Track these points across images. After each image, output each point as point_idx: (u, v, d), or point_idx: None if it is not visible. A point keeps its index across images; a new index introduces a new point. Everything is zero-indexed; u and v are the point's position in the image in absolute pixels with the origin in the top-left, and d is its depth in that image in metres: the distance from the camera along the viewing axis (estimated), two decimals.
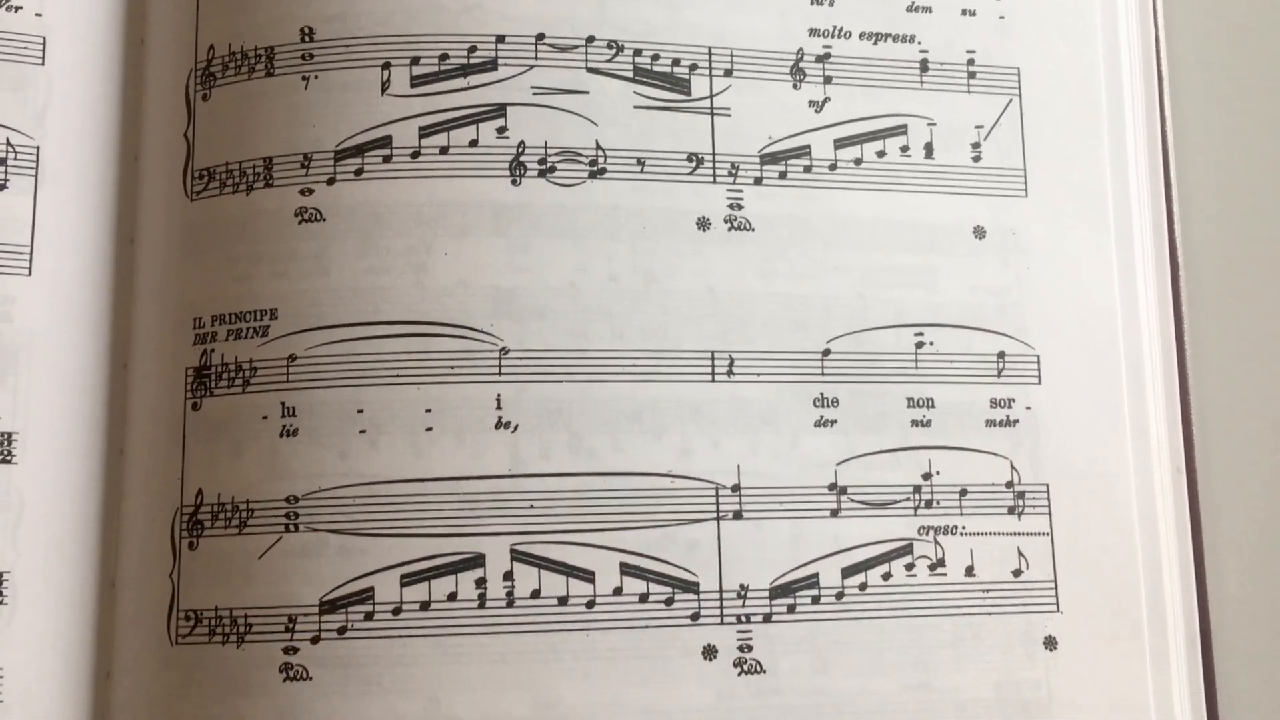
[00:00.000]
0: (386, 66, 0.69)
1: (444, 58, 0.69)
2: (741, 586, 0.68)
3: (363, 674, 0.64)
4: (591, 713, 0.65)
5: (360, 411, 0.66)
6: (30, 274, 0.69)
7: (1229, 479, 0.78)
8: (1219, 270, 0.80)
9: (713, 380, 0.69)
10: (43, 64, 0.71)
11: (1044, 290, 0.75)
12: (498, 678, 0.65)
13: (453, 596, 0.65)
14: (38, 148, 0.70)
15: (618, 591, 0.67)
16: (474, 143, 0.69)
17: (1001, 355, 0.74)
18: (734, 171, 0.72)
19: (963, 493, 0.72)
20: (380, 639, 0.65)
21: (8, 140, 0.70)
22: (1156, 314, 0.76)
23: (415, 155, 0.69)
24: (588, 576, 0.66)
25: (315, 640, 0.64)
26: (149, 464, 0.68)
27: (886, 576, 0.70)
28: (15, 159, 0.70)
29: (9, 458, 0.68)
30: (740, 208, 0.71)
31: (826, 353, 0.71)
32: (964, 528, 0.71)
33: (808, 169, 0.73)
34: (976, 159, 0.75)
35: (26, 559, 0.67)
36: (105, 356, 0.70)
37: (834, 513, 0.70)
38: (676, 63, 0.72)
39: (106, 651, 0.68)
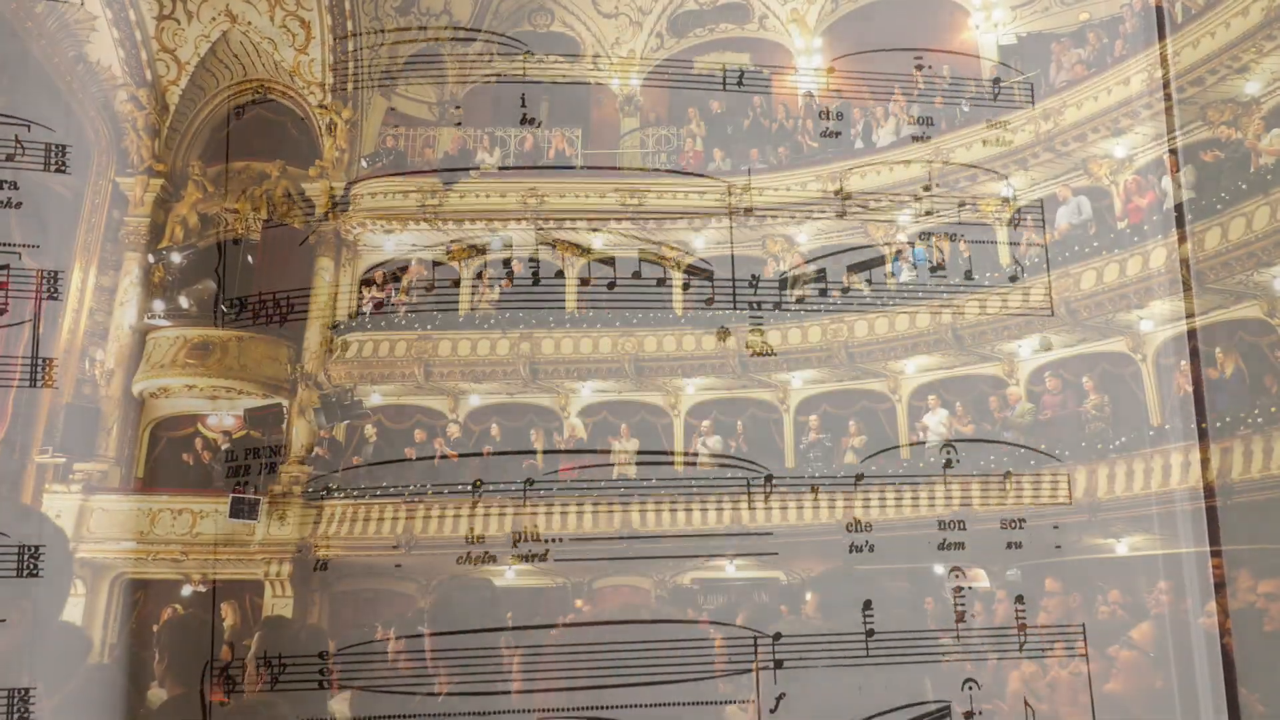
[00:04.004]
0: None
1: None
2: (753, 277, 0.72)
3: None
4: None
5: None
6: None
7: None
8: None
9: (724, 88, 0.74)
10: None
11: None
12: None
13: (480, 276, 0.69)
14: None
15: (636, 275, 0.71)
16: None
17: (997, 82, 0.78)
18: None
19: (961, 205, 0.76)
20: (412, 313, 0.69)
21: None
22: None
23: None
24: (608, 261, 0.71)
25: None
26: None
27: (891, 275, 0.74)
28: None
29: (64, 168, 0.72)
30: None
31: (831, 70, 0.76)
32: (964, 235, 0.75)
33: None
34: None
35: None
36: None
37: (840, 215, 0.74)
38: None
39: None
